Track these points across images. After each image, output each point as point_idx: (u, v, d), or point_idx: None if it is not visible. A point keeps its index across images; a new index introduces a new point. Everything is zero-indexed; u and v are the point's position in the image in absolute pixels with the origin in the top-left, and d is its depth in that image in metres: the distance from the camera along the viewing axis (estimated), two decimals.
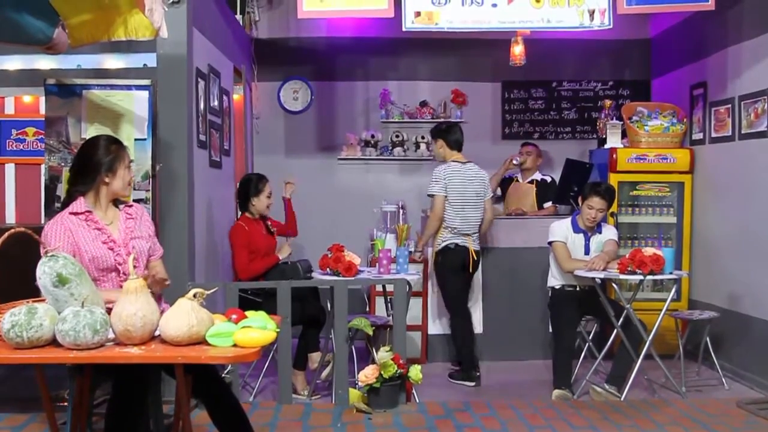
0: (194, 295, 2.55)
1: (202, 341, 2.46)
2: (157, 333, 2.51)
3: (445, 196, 5.15)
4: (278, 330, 2.59)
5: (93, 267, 2.93)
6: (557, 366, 4.88)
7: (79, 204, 3.02)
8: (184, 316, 2.44)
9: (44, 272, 2.50)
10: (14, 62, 5.55)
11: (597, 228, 5.03)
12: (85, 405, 2.94)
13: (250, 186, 5.05)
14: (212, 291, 2.72)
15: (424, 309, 5.82)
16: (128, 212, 3.13)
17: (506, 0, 4.40)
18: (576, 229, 5.03)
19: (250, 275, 4.85)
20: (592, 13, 4.41)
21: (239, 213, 5.30)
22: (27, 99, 6.21)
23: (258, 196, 5.01)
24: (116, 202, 3.13)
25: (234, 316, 2.62)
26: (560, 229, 5.05)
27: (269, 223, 5.18)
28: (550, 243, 5.05)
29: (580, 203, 5.04)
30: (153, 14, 2.78)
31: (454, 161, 5.27)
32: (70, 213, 3.00)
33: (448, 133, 5.33)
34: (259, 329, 2.51)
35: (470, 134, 6.91)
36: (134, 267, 2.69)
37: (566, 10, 4.42)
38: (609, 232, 5.08)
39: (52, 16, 3.52)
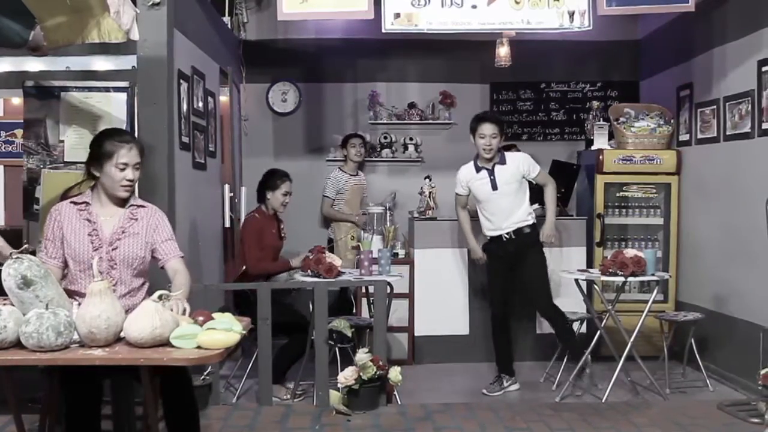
0: (159, 297, 2.55)
1: (166, 343, 2.46)
2: (122, 335, 2.51)
3: None
4: (244, 332, 2.60)
5: (71, 260, 2.92)
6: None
7: (84, 194, 3.02)
8: (148, 318, 2.44)
9: (9, 274, 2.51)
10: (2, 64, 5.54)
11: (500, 159, 4.95)
12: (54, 407, 2.94)
13: (269, 179, 5.07)
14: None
15: (411, 310, 5.82)
16: (133, 213, 3.03)
17: (486, 1, 4.40)
18: (478, 168, 4.98)
19: (259, 272, 4.85)
20: (572, 15, 4.41)
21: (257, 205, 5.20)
22: (16, 101, 6.19)
23: (274, 191, 5.03)
24: (125, 201, 3.03)
25: (200, 318, 2.62)
26: (463, 175, 5.05)
27: (282, 226, 5.17)
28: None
29: (473, 140, 4.96)
30: (121, 17, 2.79)
31: None
32: (70, 201, 3.00)
33: None
34: (223, 331, 2.51)
35: (459, 136, 6.95)
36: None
37: (546, 11, 4.42)
38: (514, 161, 4.96)
39: (28, 18, 3.53)
